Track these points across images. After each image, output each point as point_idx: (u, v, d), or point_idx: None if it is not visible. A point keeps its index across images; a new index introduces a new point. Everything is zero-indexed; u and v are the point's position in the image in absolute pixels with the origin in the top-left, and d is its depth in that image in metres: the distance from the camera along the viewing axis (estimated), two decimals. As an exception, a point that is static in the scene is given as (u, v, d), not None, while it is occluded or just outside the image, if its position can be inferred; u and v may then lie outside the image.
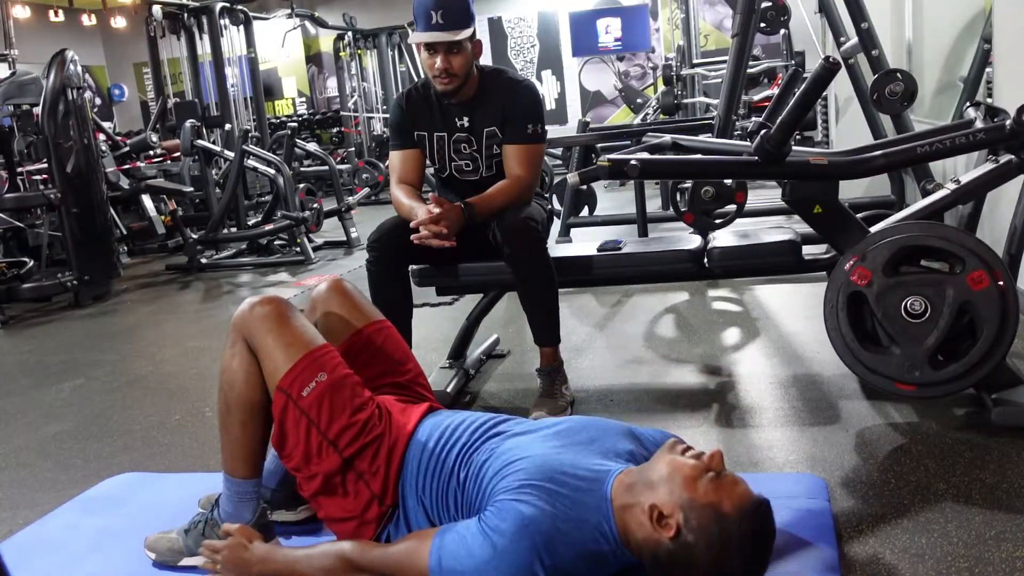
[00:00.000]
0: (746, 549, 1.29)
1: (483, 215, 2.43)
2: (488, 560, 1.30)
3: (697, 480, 1.30)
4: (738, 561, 1.28)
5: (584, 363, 2.98)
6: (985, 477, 1.86)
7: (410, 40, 2.55)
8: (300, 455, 1.57)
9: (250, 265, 5.98)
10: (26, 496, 2.28)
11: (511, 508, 1.33)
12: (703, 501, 1.28)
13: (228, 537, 1.58)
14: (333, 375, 1.58)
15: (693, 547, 1.28)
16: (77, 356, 3.83)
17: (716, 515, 1.27)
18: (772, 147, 2.09)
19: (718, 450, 1.33)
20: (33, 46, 8.97)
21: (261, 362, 1.61)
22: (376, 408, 1.61)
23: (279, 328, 1.60)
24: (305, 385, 1.56)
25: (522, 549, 1.29)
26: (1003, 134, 2.10)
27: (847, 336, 2.06)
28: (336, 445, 1.55)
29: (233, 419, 1.63)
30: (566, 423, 1.58)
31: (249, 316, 1.63)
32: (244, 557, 1.54)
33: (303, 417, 1.56)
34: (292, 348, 1.58)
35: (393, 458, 1.58)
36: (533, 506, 1.33)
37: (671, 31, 10.92)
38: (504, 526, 1.31)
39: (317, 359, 1.58)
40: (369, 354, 1.80)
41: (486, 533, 1.32)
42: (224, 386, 1.64)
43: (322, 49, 13.05)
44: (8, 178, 5.42)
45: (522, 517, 1.32)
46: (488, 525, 1.33)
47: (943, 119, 4.16)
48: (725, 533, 1.27)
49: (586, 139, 5.23)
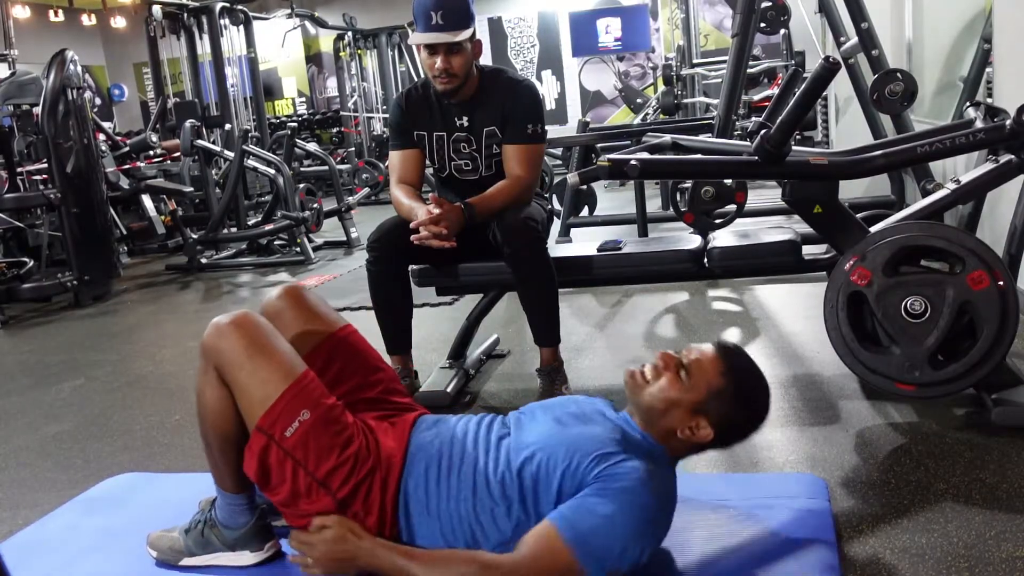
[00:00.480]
0: (749, 383, 1.53)
1: (483, 215, 2.43)
2: (624, 512, 1.36)
3: (679, 387, 1.49)
4: (753, 396, 1.54)
5: (584, 363, 2.98)
6: (985, 477, 1.86)
7: (410, 41, 2.55)
8: (287, 493, 1.48)
9: (250, 265, 5.98)
10: (26, 496, 2.27)
11: (617, 472, 1.40)
12: (704, 392, 1.49)
13: (323, 529, 1.47)
14: (316, 411, 1.47)
15: (726, 416, 1.50)
16: (77, 356, 3.83)
17: (713, 389, 1.49)
18: (772, 147, 2.09)
19: (660, 353, 1.54)
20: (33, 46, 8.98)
21: (235, 397, 1.50)
22: (363, 437, 1.52)
23: (251, 359, 1.48)
24: (287, 425, 1.45)
25: (651, 500, 1.40)
26: (1003, 134, 2.10)
27: (847, 336, 2.06)
28: (328, 487, 1.47)
29: (212, 446, 1.58)
30: (555, 408, 1.61)
31: (217, 343, 1.50)
32: (349, 549, 1.44)
33: (288, 458, 1.46)
34: (269, 383, 1.46)
35: (387, 490, 1.50)
36: (632, 461, 1.42)
37: (671, 31, 10.92)
38: (619, 485, 1.38)
39: (298, 393, 1.47)
40: (338, 367, 1.68)
41: (608, 496, 1.37)
42: (199, 413, 1.57)
43: (322, 49, 13.05)
44: (8, 178, 5.42)
45: (634, 471, 1.40)
46: (606, 490, 1.38)
47: (943, 119, 4.16)
48: (731, 387, 1.49)
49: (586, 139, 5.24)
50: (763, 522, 1.67)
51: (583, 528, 1.36)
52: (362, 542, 1.44)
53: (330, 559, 1.45)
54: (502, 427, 1.59)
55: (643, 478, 1.40)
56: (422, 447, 1.55)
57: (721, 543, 1.61)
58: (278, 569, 1.66)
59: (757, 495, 1.78)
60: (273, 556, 1.68)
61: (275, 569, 1.66)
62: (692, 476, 1.93)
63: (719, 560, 1.56)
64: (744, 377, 1.53)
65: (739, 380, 1.51)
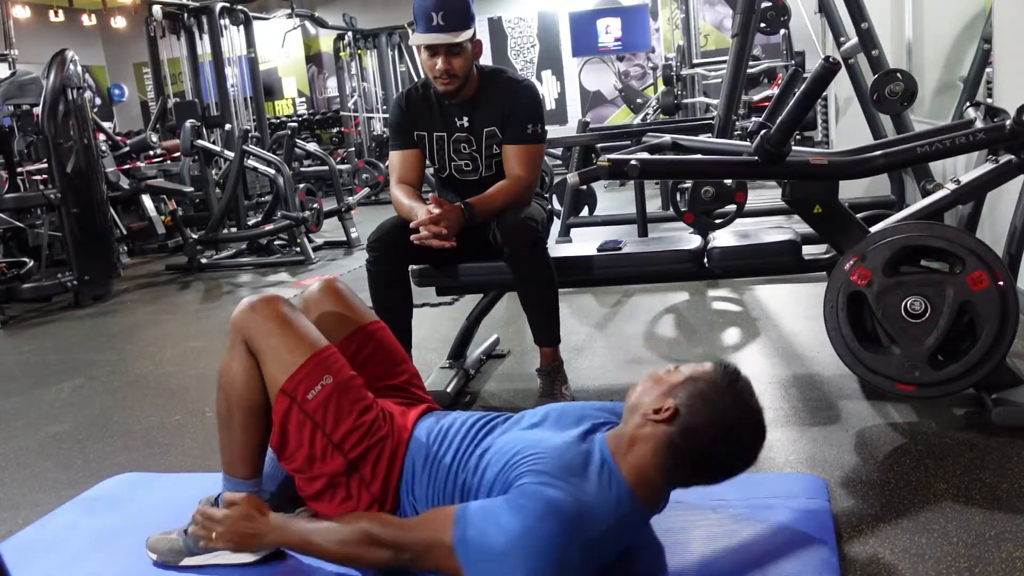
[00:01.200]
0: (736, 392, 1.42)
1: (483, 215, 2.43)
2: (518, 536, 1.30)
3: (665, 375, 1.46)
4: (735, 404, 1.41)
5: (584, 363, 2.98)
6: (985, 477, 1.86)
7: (411, 42, 2.55)
8: (303, 457, 1.56)
9: (250, 265, 5.98)
10: (26, 496, 2.28)
11: (536, 492, 1.35)
12: (681, 379, 1.43)
13: (232, 506, 1.55)
14: (339, 377, 1.57)
15: (696, 413, 1.40)
16: (77, 356, 3.83)
17: (697, 380, 1.42)
18: (772, 147, 2.09)
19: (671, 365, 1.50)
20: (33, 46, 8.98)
21: (262, 365, 1.58)
22: (379, 409, 1.61)
23: (280, 329, 1.58)
24: (311, 388, 1.54)
25: (553, 529, 1.31)
26: (1003, 134, 2.10)
27: (847, 336, 2.06)
28: (341, 448, 1.54)
29: (233, 420, 1.63)
30: (550, 411, 1.61)
31: (249, 317, 1.60)
32: (252, 527, 1.52)
33: (307, 420, 1.54)
34: (296, 351, 1.56)
35: (395, 461, 1.58)
36: (558, 489, 1.35)
37: (671, 31, 10.92)
38: (532, 506, 1.33)
39: (322, 361, 1.57)
40: (365, 356, 1.77)
41: (516, 509, 1.33)
42: (224, 387, 1.63)
43: (322, 49, 13.05)
44: (8, 178, 5.42)
45: (549, 500, 1.33)
46: (517, 503, 1.34)
47: (943, 119, 4.16)
48: (712, 387, 1.41)
49: (586, 139, 5.24)
50: (763, 522, 1.67)
51: (474, 526, 1.35)
52: (268, 519, 1.54)
53: (236, 533, 1.53)
54: (494, 425, 1.61)
55: (561, 510, 1.32)
56: (421, 433, 1.62)
57: (721, 543, 1.61)
58: (279, 567, 1.66)
59: (757, 495, 1.78)
60: (273, 555, 1.68)
61: (276, 568, 1.66)
62: (692, 476, 1.93)
63: (719, 560, 1.56)
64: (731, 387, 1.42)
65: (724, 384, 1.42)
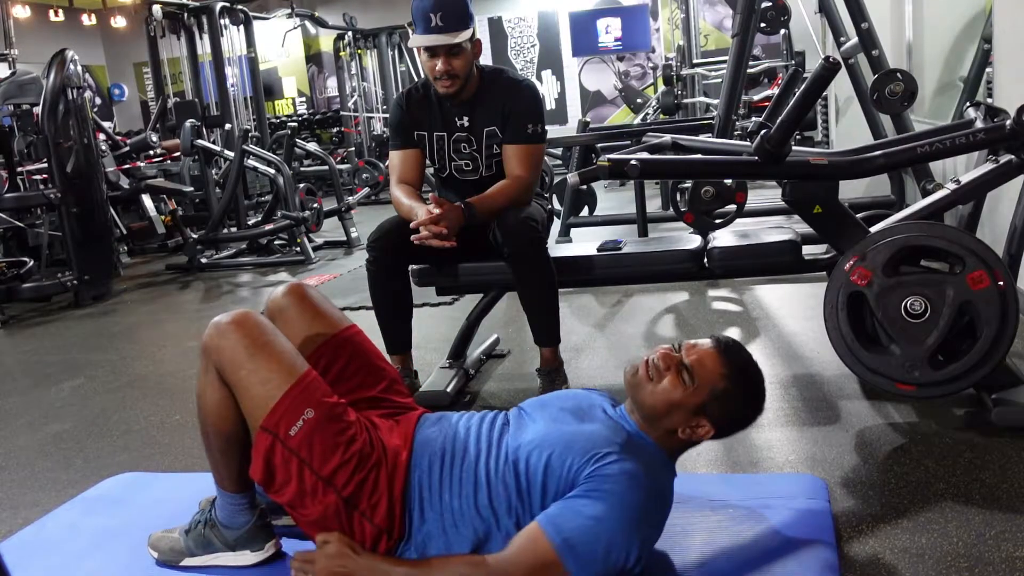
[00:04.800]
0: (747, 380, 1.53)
1: (483, 215, 2.43)
2: (616, 519, 1.36)
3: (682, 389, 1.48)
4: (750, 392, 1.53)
5: (584, 363, 2.98)
6: (985, 477, 1.86)
7: (410, 43, 2.55)
8: (293, 492, 1.48)
9: (250, 265, 5.98)
10: (26, 496, 2.27)
11: (610, 472, 1.39)
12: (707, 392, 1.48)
13: (324, 545, 1.46)
14: (320, 409, 1.47)
15: (727, 414, 1.51)
16: (77, 356, 3.83)
17: (717, 390, 1.48)
18: (772, 147, 2.09)
19: (660, 352, 1.53)
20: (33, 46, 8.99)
21: (237, 397, 1.50)
22: (366, 434, 1.52)
23: (252, 359, 1.48)
24: (292, 424, 1.45)
25: (639, 499, 1.38)
26: (1003, 134, 2.09)
27: (847, 336, 2.06)
28: (333, 484, 1.46)
29: (212, 445, 1.58)
30: (554, 404, 1.61)
31: (218, 343, 1.50)
32: (347, 564, 1.43)
33: (293, 456, 1.46)
34: (271, 383, 1.46)
35: (394, 485, 1.50)
36: (625, 461, 1.40)
37: (671, 31, 10.91)
38: (612, 486, 1.37)
39: (301, 392, 1.47)
40: (340, 366, 1.68)
41: (601, 496, 1.37)
42: (200, 412, 1.57)
43: (322, 49, 13.05)
44: (8, 178, 5.42)
45: (625, 472, 1.39)
46: (599, 489, 1.37)
47: (943, 119, 4.16)
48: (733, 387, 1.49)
49: (586, 139, 5.24)
50: (763, 522, 1.67)
51: (568, 529, 1.36)
52: (360, 558, 1.44)
53: (329, 572, 1.44)
54: (503, 424, 1.59)
55: (633, 477, 1.39)
56: (426, 443, 1.56)
57: (721, 543, 1.61)
58: (279, 569, 1.66)
59: (757, 495, 1.78)
60: (274, 556, 1.68)
61: (276, 569, 1.66)
62: (692, 476, 1.93)
63: (719, 560, 1.56)
64: (745, 376, 1.54)
65: (740, 379, 1.52)
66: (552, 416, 1.56)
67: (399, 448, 1.54)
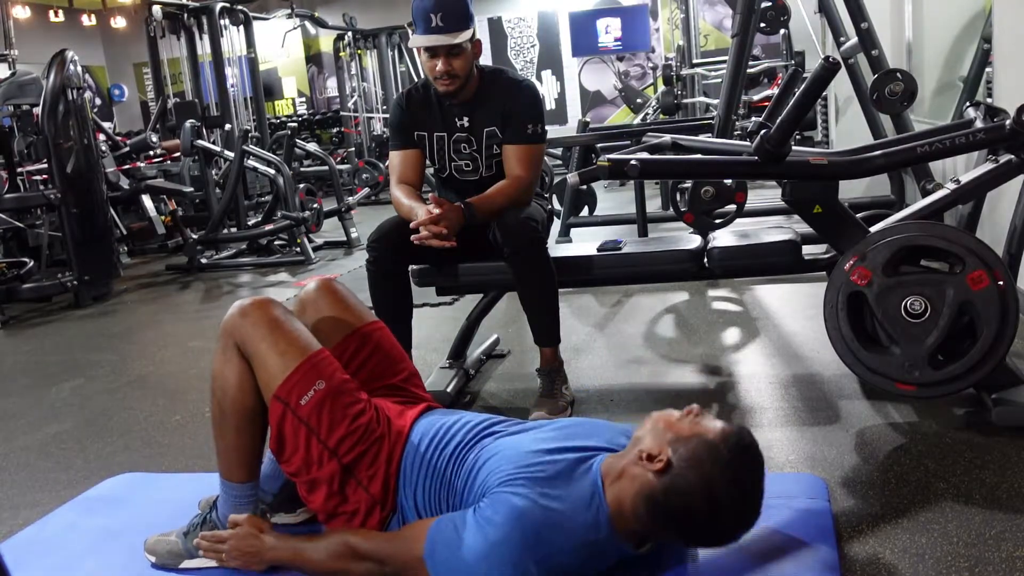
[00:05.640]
0: (735, 470, 1.35)
1: (483, 215, 2.43)
2: (480, 551, 1.32)
3: (680, 421, 1.40)
4: (729, 483, 1.34)
5: (584, 363, 2.98)
6: (985, 477, 1.86)
7: (410, 44, 2.55)
8: (299, 461, 1.56)
9: (250, 265, 5.98)
10: (26, 496, 2.28)
11: (503, 500, 1.36)
12: (688, 434, 1.37)
13: (236, 527, 1.59)
14: (331, 382, 1.56)
15: (686, 476, 1.33)
16: (77, 356, 3.83)
17: (702, 442, 1.35)
18: (772, 147, 2.09)
19: (696, 405, 1.43)
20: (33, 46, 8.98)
21: (255, 369, 1.58)
22: (374, 411, 1.61)
23: (272, 334, 1.57)
24: (303, 393, 1.54)
25: (514, 540, 1.31)
26: (1003, 134, 2.09)
27: (847, 336, 2.06)
28: (336, 453, 1.54)
29: (228, 425, 1.62)
30: (564, 422, 1.61)
31: (240, 321, 1.59)
32: (255, 546, 1.56)
33: (302, 425, 1.54)
34: (287, 355, 1.55)
35: (392, 461, 1.58)
36: (525, 498, 1.35)
37: (671, 31, 10.91)
38: (497, 517, 1.34)
39: (314, 366, 1.56)
40: (363, 357, 1.76)
41: (479, 524, 1.35)
42: (217, 392, 1.62)
43: (322, 49, 13.05)
44: (8, 178, 5.42)
45: (514, 508, 1.34)
46: (482, 516, 1.36)
47: (943, 119, 4.16)
48: (713, 457, 1.33)
49: (586, 139, 5.24)
50: (763, 522, 1.65)
51: (443, 542, 1.38)
52: (264, 537, 1.57)
53: (240, 552, 1.57)
54: (497, 426, 1.61)
55: (520, 517, 1.32)
56: (418, 431, 1.62)
57: (721, 543, 1.61)
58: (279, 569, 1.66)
59: (757, 495, 1.78)
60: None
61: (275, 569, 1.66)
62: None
63: (719, 560, 1.56)
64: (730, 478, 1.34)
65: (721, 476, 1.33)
66: (538, 432, 1.56)
67: (403, 428, 1.62)
